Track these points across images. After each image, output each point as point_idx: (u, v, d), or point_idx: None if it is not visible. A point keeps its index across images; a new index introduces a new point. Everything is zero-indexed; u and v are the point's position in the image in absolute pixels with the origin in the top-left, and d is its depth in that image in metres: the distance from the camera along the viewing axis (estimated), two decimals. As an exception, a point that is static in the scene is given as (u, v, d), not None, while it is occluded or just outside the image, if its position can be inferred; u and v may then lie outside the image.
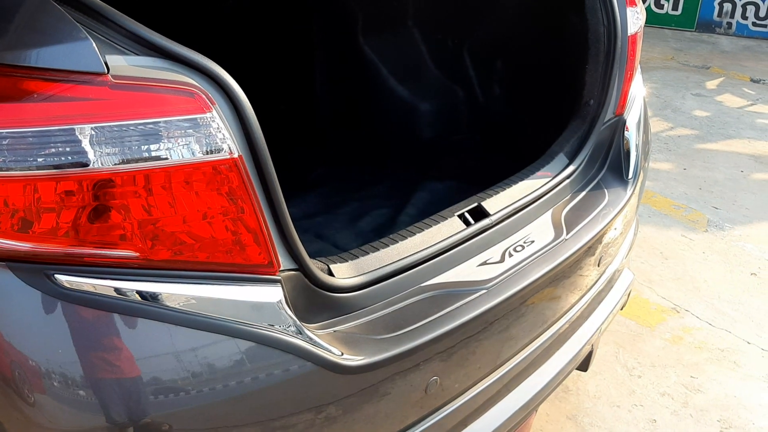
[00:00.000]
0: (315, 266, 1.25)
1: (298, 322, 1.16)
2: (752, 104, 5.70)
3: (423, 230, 1.49)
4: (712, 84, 6.20)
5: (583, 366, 2.03)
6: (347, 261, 1.35)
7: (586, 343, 1.84)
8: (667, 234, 3.57)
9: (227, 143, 1.04)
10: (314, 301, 1.24)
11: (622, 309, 2.16)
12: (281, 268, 1.17)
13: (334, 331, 1.25)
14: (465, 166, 2.41)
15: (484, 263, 1.52)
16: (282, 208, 1.14)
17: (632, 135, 1.96)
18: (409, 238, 1.46)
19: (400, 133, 2.62)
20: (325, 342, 1.19)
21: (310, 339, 1.17)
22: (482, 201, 1.62)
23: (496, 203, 1.64)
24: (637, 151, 1.95)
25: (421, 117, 2.62)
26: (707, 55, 7.15)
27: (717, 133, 5.02)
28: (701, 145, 4.80)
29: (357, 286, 1.32)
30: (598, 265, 1.82)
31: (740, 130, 5.09)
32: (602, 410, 2.39)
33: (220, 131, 1.03)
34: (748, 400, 2.46)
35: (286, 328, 1.14)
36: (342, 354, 1.19)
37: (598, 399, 2.44)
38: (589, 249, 1.70)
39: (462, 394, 1.47)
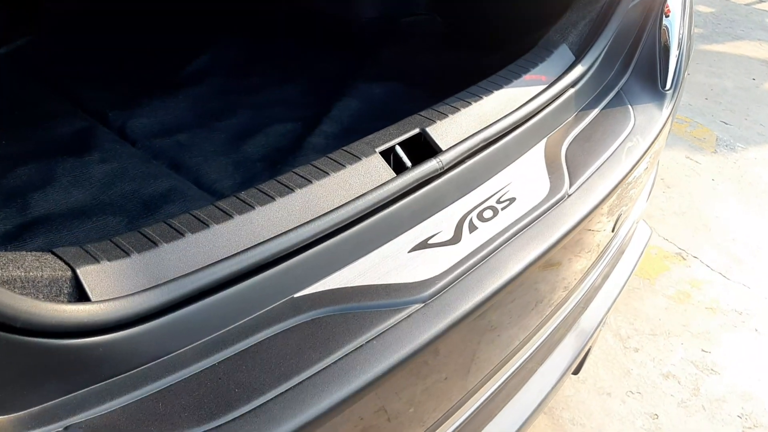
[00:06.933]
0: (34, 273, 0.55)
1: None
2: (761, 1, 4.95)
3: (311, 182, 0.79)
4: (715, -25, 5.41)
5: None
6: (128, 256, 0.64)
7: (582, 348, 1.20)
8: (668, 154, 2.90)
9: None
10: (26, 362, 0.55)
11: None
12: None
13: (71, 428, 0.57)
14: (416, 61, 1.67)
15: (422, 246, 0.82)
16: None
17: (674, 22, 1.24)
18: (280, 199, 0.76)
19: (329, 6, 1.84)
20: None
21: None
22: (427, 126, 0.92)
23: (451, 130, 0.93)
24: (680, 48, 1.24)
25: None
26: (710, -57, 6.31)
27: (723, 33, 4.30)
28: (706, 46, 4.08)
29: (144, 312, 0.62)
30: (613, 230, 1.15)
31: (749, 31, 4.37)
32: (588, 400, 1.79)
33: None
34: (775, 386, 1.88)
35: None
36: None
37: (583, 383, 1.84)
38: (604, 208, 1.02)
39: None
